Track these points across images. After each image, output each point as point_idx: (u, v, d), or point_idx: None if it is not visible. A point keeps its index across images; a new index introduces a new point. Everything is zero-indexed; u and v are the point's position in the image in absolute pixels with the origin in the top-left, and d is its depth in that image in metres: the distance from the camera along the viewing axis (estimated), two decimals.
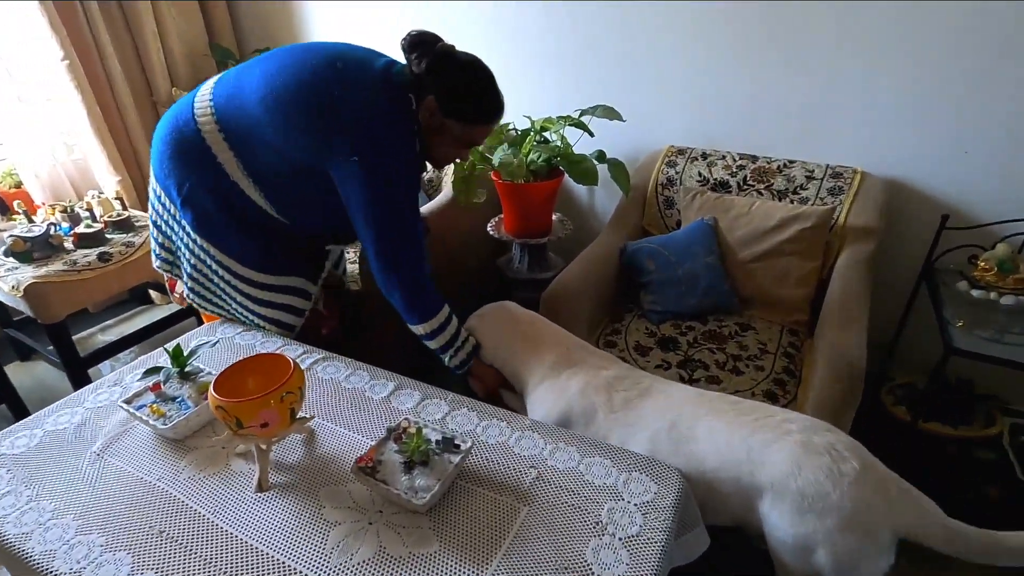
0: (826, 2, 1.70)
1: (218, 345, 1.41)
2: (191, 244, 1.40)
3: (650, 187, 1.97)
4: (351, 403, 1.25)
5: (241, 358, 1.06)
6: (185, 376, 1.19)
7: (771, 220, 1.68)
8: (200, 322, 1.80)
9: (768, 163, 1.84)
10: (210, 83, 1.33)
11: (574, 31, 2.10)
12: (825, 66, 1.77)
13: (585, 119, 1.86)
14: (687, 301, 1.71)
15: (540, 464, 1.09)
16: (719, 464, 1.07)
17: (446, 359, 1.39)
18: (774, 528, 1.04)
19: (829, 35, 1.74)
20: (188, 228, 1.37)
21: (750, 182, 1.84)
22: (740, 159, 1.88)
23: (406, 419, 1.11)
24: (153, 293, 2.75)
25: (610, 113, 1.87)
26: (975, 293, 1.60)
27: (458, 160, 1.49)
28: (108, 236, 2.05)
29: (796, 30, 1.77)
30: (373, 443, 1.05)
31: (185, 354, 1.20)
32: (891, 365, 2.00)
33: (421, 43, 1.20)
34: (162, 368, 1.19)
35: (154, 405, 1.13)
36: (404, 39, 1.22)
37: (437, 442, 1.04)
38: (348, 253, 1.90)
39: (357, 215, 1.24)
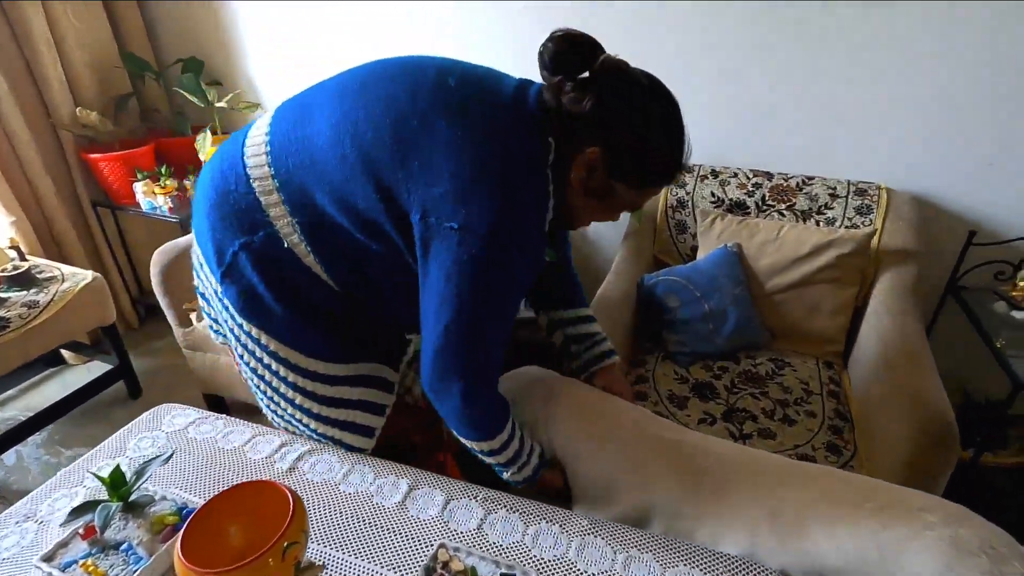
0: (843, 2, 1.57)
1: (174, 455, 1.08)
2: (237, 330, 1.02)
3: (659, 211, 1.78)
4: (356, 516, 0.97)
5: (213, 494, 0.77)
6: (131, 507, 0.87)
7: (804, 247, 1.53)
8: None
9: (785, 180, 1.70)
10: (269, 115, 0.98)
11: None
12: (841, 73, 1.64)
13: None
14: (716, 340, 1.53)
15: None
16: (843, 565, 0.86)
17: (507, 475, 1.08)
18: None
19: (846, 41, 1.61)
20: (232, 309, 0.99)
21: (769, 202, 1.69)
22: (754, 176, 1.73)
23: (443, 546, 0.85)
24: (66, 352, 2.30)
25: None
26: (1016, 315, 1.51)
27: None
28: (3, 295, 1.64)
29: (811, 35, 1.64)
30: None
31: (130, 477, 0.88)
32: None
33: (576, 55, 0.82)
34: (98, 504, 0.85)
35: (88, 561, 0.81)
36: (546, 45, 0.83)
37: None
38: None
39: (431, 298, 0.88)
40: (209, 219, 0.96)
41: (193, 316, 1.83)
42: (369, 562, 0.89)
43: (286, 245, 0.93)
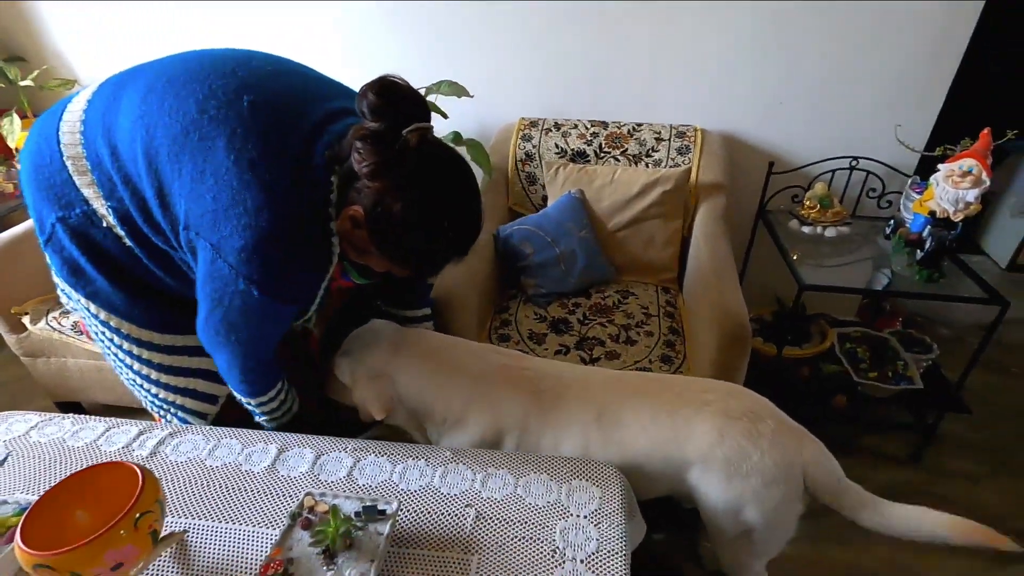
0: None
1: (9, 459, 1.03)
2: (73, 296, 1.00)
3: (510, 165, 1.88)
4: (226, 486, 1.00)
5: (55, 481, 0.77)
6: None
7: (634, 187, 1.70)
8: None
9: (619, 128, 1.86)
10: (91, 89, 0.92)
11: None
12: (656, 28, 1.81)
13: (431, 98, 1.70)
14: (569, 279, 1.68)
15: (475, 500, 0.97)
16: (648, 445, 1.05)
17: (261, 420, 1.13)
18: (704, 496, 1.06)
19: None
20: (59, 277, 0.99)
21: (606, 149, 1.84)
22: (592, 126, 1.87)
23: (309, 494, 0.91)
24: None
25: (457, 89, 1.73)
26: (805, 230, 1.81)
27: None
28: None
29: None
30: (274, 536, 0.84)
31: None
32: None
33: (389, 114, 0.77)
34: None
35: None
36: (368, 91, 0.77)
37: (357, 514, 0.86)
38: None
39: (198, 283, 0.90)
40: (29, 189, 0.94)
41: (26, 319, 1.67)
42: (241, 524, 0.93)
43: (104, 225, 0.92)
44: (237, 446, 1.07)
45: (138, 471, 0.75)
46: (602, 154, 1.84)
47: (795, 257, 1.71)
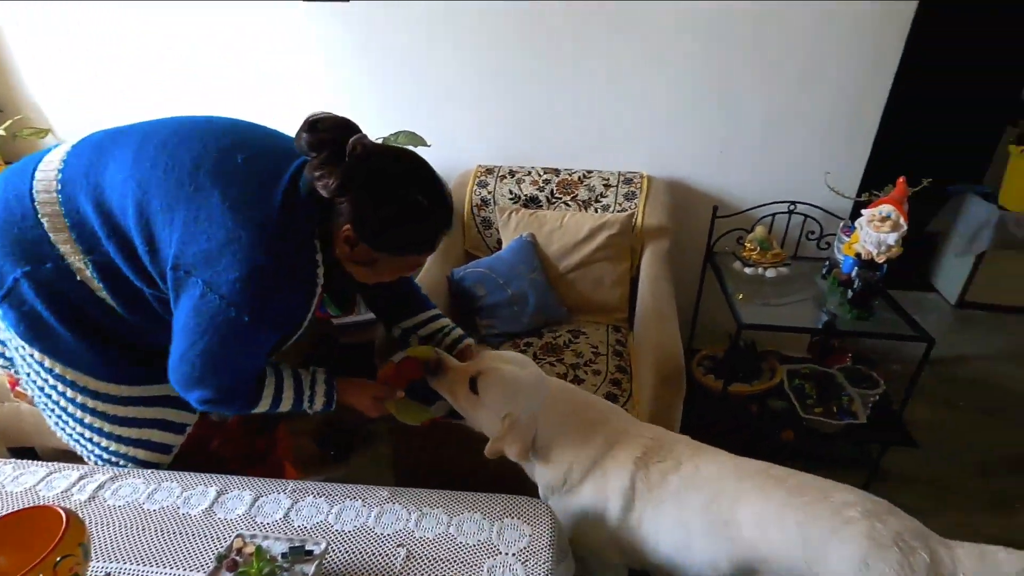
0: (599, 25, 1.86)
1: None
2: (21, 351, 1.02)
3: (466, 209, 1.97)
4: (162, 529, 1.01)
5: None
6: None
7: (582, 231, 1.79)
8: None
9: (570, 175, 1.96)
10: (65, 148, 0.98)
11: (366, 55, 2.01)
12: (606, 81, 1.94)
13: None
14: (521, 320, 1.74)
15: (407, 539, 1.00)
16: (770, 554, 0.94)
17: (306, 409, 1.14)
18: None
19: (607, 57, 1.91)
20: (11, 331, 1.00)
21: (557, 195, 1.94)
22: (545, 173, 1.97)
23: (239, 536, 0.93)
24: None
25: (413, 139, 1.82)
26: (747, 271, 1.89)
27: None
28: None
29: (578, 49, 1.92)
30: None
31: None
32: (695, 339, 2.28)
33: (326, 144, 0.89)
34: None
35: None
36: (300, 134, 0.90)
37: (284, 555, 0.88)
38: None
39: (177, 321, 0.95)
40: None
41: None
42: (173, 568, 0.94)
43: (78, 279, 0.97)
44: (176, 489, 1.09)
45: (62, 514, 0.77)
46: (554, 200, 1.93)
47: (740, 297, 1.79)
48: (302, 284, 0.98)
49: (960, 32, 2.77)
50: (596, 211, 1.90)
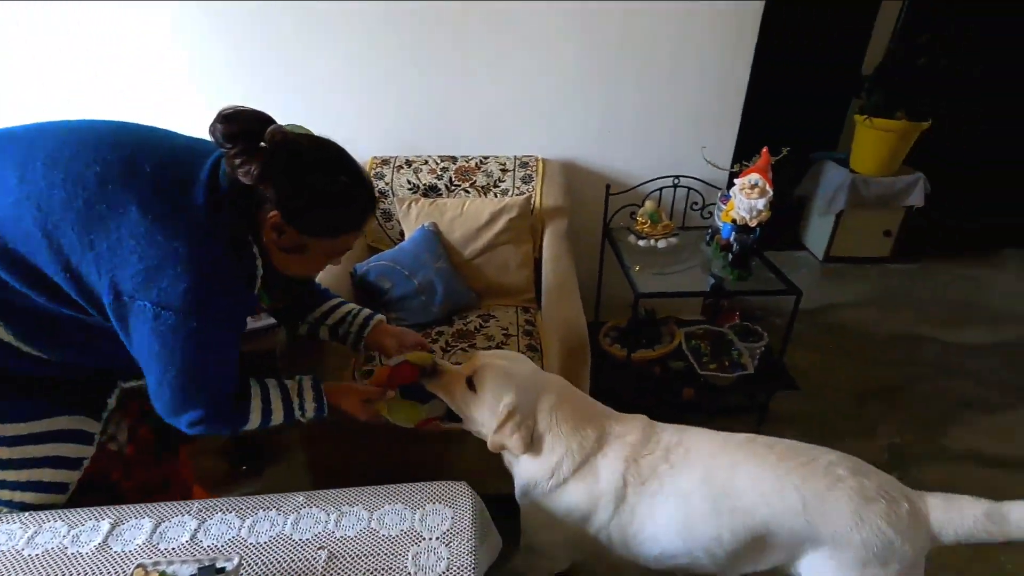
0: (494, 3, 1.87)
1: None
2: None
3: None
4: (47, 575, 0.92)
5: None
6: None
7: (483, 216, 1.81)
8: None
9: (467, 162, 1.97)
10: None
11: (237, 51, 1.89)
12: (493, 69, 1.96)
13: None
14: (431, 309, 1.74)
15: (328, 541, 0.98)
16: (771, 518, 0.99)
17: (299, 418, 1.12)
18: None
19: (489, 42, 1.93)
20: None
21: (456, 182, 1.94)
22: (442, 161, 1.97)
23: (140, 565, 0.87)
24: None
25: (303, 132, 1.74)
26: (641, 243, 2.01)
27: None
28: None
29: (470, 34, 1.93)
30: None
31: None
32: (601, 313, 2.40)
33: (242, 134, 0.87)
34: None
35: None
36: (215, 124, 0.88)
37: None
38: None
39: (141, 354, 0.92)
40: None
41: None
42: None
43: None
44: (62, 528, 1.00)
45: None
46: (453, 187, 1.94)
47: (636, 269, 1.90)
48: (246, 277, 0.97)
49: (805, 19, 3.09)
50: (496, 196, 1.93)
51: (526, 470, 1.13)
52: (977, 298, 2.94)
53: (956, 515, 0.97)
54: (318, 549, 0.96)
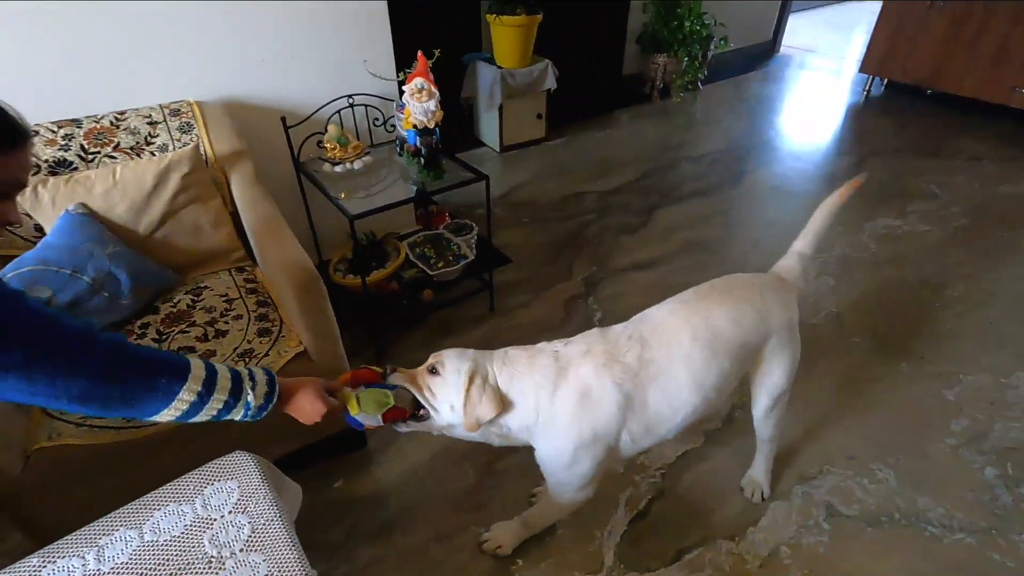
0: None
1: None
2: None
3: None
4: None
5: None
6: None
7: (147, 181, 1.54)
8: None
9: (97, 123, 1.61)
10: None
11: None
12: (113, 8, 1.58)
13: None
14: (120, 303, 1.46)
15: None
16: (745, 338, 1.21)
17: (243, 413, 0.95)
18: (779, 361, 1.30)
19: None
20: None
21: (92, 150, 1.58)
22: (60, 128, 1.57)
23: None
24: None
25: None
26: (337, 169, 1.99)
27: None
28: None
29: None
30: None
31: None
32: (323, 251, 2.34)
33: None
34: None
35: None
36: None
37: None
38: None
39: None
40: None
41: None
42: None
43: None
44: None
45: None
46: (90, 155, 1.58)
47: (342, 196, 1.89)
48: None
49: None
50: (153, 155, 1.65)
51: (517, 427, 1.14)
52: (608, 153, 3.76)
53: (794, 265, 1.39)
54: None
